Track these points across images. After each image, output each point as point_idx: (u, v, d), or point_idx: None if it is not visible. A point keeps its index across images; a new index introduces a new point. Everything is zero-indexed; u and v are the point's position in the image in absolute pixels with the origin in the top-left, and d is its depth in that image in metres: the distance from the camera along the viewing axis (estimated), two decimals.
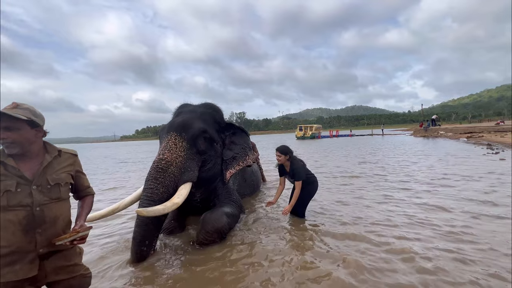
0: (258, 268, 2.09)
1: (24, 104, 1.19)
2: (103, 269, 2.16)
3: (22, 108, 1.17)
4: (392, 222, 2.91)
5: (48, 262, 1.20)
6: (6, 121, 1.11)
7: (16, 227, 1.11)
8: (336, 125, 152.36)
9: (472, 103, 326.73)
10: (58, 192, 1.23)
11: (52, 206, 1.20)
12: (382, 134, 32.73)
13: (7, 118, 1.10)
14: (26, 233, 1.13)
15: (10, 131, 1.12)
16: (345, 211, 3.40)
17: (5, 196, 1.10)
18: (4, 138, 1.12)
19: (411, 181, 5.07)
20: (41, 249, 1.16)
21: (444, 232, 2.60)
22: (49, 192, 1.20)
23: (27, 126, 1.16)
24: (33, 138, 1.19)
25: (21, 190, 1.13)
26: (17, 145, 1.14)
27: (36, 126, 1.20)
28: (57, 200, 1.23)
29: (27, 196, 1.14)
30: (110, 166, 11.79)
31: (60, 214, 1.24)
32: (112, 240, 2.79)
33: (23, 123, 1.14)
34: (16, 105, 1.16)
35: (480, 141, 13.40)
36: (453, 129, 21.13)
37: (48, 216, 1.18)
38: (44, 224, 1.17)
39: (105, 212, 2.30)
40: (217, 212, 2.70)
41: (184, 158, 2.48)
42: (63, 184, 1.26)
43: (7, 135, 1.12)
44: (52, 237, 1.19)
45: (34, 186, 1.16)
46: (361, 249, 2.31)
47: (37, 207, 1.15)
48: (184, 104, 3.12)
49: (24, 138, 1.15)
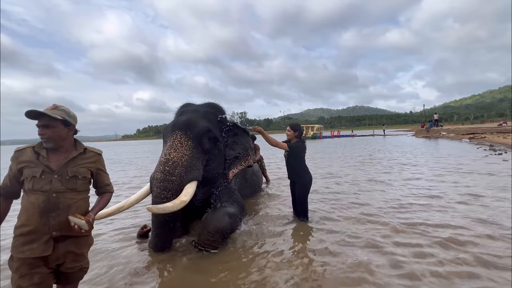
0: (261, 272, 2.09)
1: (62, 106, 1.38)
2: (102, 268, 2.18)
3: (60, 109, 1.35)
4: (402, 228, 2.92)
5: (61, 245, 1.32)
6: (45, 120, 1.30)
7: (35, 209, 1.26)
8: (338, 125, 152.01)
9: (474, 103, 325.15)
10: (75, 184, 1.36)
11: (67, 195, 1.33)
12: (384, 135, 32.65)
13: (46, 117, 1.29)
14: (42, 216, 1.27)
15: (48, 128, 1.30)
16: (350, 214, 3.41)
17: (32, 181, 1.28)
18: (42, 134, 1.31)
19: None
20: (54, 232, 1.29)
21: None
22: (66, 182, 1.33)
23: (61, 125, 1.33)
24: (65, 135, 1.36)
25: (44, 177, 1.29)
26: (52, 140, 1.32)
27: (69, 125, 1.37)
28: (72, 190, 1.35)
29: (48, 183, 1.29)
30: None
31: (74, 203, 1.35)
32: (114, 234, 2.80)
33: (58, 122, 1.32)
34: (55, 106, 1.36)
35: (482, 142, 13.35)
36: (455, 130, 21.04)
37: (62, 203, 1.31)
38: (58, 209, 1.30)
39: (111, 210, 2.33)
40: (219, 212, 2.69)
41: (190, 157, 2.48)
42: (80, 177, 1.38)
43: (45, 132, 1.30)
44: (64, 223, 1.31)
45: (56, 175, 1.31)
46: (367, 254, 2.32)
47: (53, 193, 1.29)
48: (186, 103, 3.13)
49: (58, 135, 1.33)
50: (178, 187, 2.35)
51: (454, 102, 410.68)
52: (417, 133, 26.05)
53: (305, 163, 3.17)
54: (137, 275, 2.08)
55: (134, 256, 2.41)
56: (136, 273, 2.10)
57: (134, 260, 2.31)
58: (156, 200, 2.32)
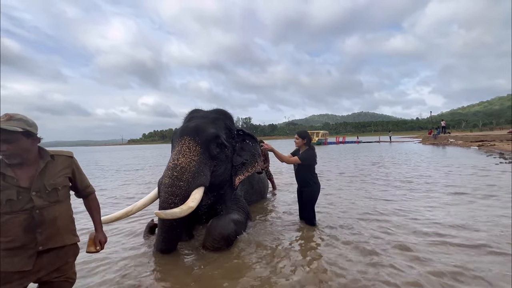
0: (266, 277, 2.07)
1: (17, 115, 1.22)
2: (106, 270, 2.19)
3: (16, 120, 1.20)
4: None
5: (44, 257, 1.25)
6: (4, 134, 1.15)
7: (19, 227, 1.18)
8: (343, 131, 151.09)
9: (483, 110, 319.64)
10: (56, 196, 1.29)
11: (50, 209, 1.26)
12: (390, 141, 32.29)
13: (4, 132, 1.14)
14: (27, 233, 1.19)
15: (8, 143, 1.16)
16: (356, 219, 3.37)
17: (8, 204, 1.17)
18: (3, 151, 1.17)
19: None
20: (41, 246, 1.22)
21: None
22: (47, 196, 1.25)
23: (23, 137, 1.20)
24: (30, 146, 1.24)
25: (22, 198, 1.19)
26: (16, 155, 1.19)
27: (31, 135, 1.24)
28: (55, 203, 1.28)
29: (28, 202, 1.20)
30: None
31: (59, 214, 1.29)
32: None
33: (19, 135, 1.19)
34: (10, 116, 1.19)
35: (492, 149, 13.08)
36: (463, 137, 20.69)
37: (47, 217, 1.24)
38: (44, 224, 1.23)
39: (119, 214, 2.35)
40: (224, 218, 2.70)
41: (198, 163, 2.50)
42: (60, 187, 1.30)
43: (6, 148, 1.16)
44: (52, 235, 1.25)
45: (33, 192, 1.21)
46: (373, 263, 2.28)
47: (36, 210, 1.21)
48: (195, 109, 3.17)
49: (22, 148, 1.20)
50: (185, 192, 2.37)
51: (462, 108, 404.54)
52: (424, 140, 25.69)
53: (314, 171, 3.17)
54: (137, 277, 2.09)
55: (137, 257, 2.42)
56: (136, 276, 2.10)
57: (137, 263, 2.33)
58: (164, 205, 2.34)
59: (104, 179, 8.49)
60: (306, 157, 3.05)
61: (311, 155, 3.07)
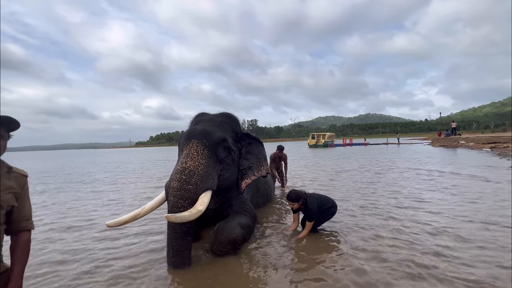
0: (273, 283, 2.04)
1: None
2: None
3: None
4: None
5: None
6: None
7: None
8: (350, 133, 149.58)
9: (494, 111, 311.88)
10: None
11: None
12: (398, 143, 31.78)
13: None
14: None
15: None
16: (358, 224, 3.31)
17: None
18: None
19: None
20: None
21: None
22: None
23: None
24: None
25: None
26: None
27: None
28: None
29: None
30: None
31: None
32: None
33: None
34: None
35: (505, 152, 12.69)
36: (474, 138, 20.15)
37: None
38: None
39: (127, 218, 2.35)
40: (231, 222, 2.68)
41: (206, 166, 2.48)
42: (5, 206, 1.09)
43: None
44: None
45: None
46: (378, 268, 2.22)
47: None
48: (201, 113, 3.18)
49: None
50: (194, 196, 2.35)
51: (473, 109, 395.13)
52: (434, 142, 25.16)
53: (328, 201, 3.10)
54: (144, 280, 2.09)
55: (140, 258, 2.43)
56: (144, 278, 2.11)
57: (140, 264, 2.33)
58: (173, 209, 2.31)
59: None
60: (313, 215, 2.90)
61: (314, 209, 2.90)
